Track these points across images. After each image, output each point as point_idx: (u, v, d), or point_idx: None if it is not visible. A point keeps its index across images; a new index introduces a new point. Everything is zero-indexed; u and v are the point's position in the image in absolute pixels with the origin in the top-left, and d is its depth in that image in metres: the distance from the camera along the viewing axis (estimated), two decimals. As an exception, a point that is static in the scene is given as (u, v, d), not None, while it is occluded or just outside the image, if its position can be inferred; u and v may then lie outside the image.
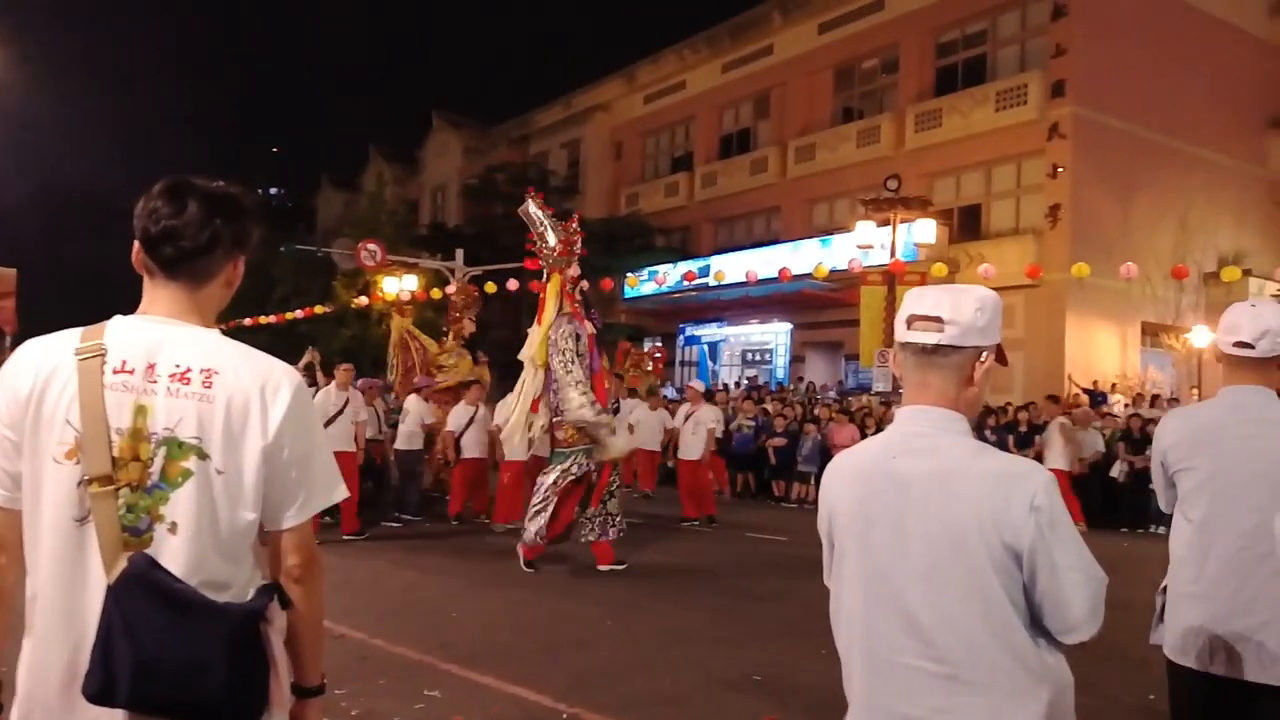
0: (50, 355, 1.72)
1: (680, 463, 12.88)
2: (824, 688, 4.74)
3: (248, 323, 23.22)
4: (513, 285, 16.46)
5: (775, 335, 26.00)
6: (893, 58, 23.78)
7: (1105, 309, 19.60)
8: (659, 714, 4.89)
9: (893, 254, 17.38)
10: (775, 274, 16.96)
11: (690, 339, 28.13)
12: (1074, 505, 11.57)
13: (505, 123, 37.24)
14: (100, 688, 1.57)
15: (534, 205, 9.10)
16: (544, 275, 9.12)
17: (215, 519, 1.69)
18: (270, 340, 21.77)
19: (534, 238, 9.08)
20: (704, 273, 21.56)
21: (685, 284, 22.56)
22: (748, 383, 23.14)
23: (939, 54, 22.99)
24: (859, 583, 1.83)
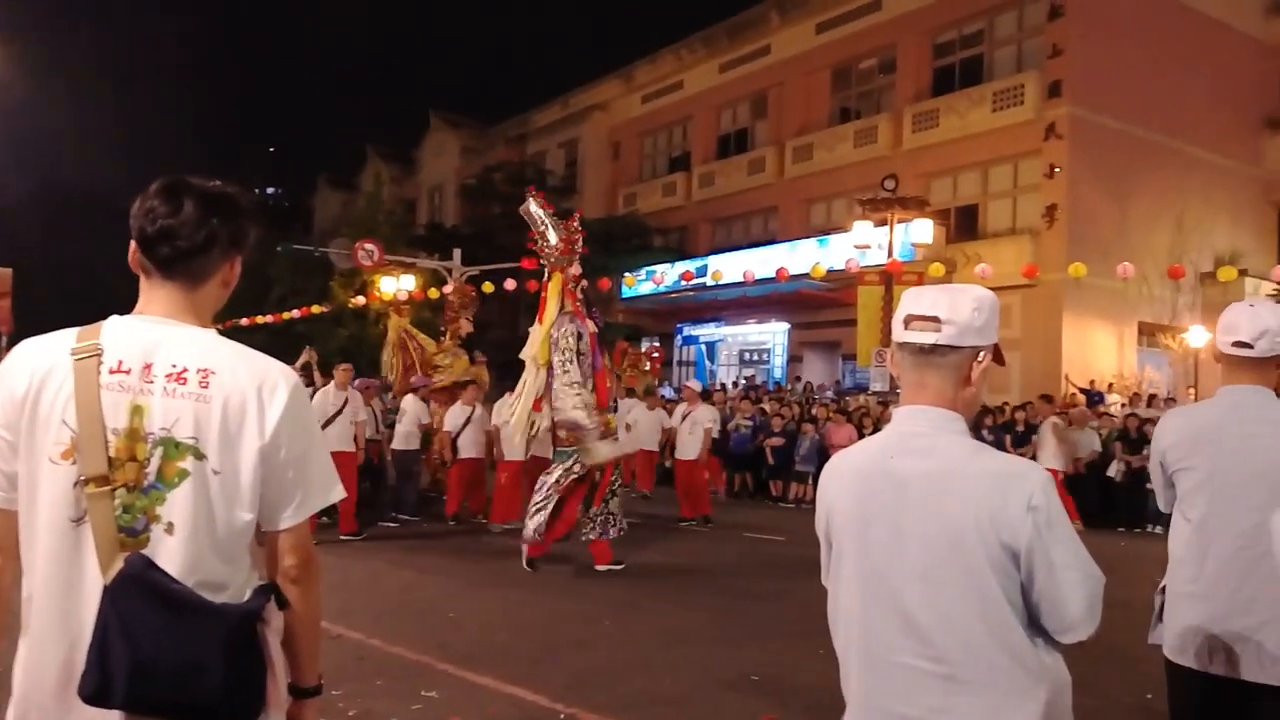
0: (46, 355, 1.71)
1: (677, 463, 12.89)
2: (822, 688, 4.74)
3: (244, 323, 23.21)
4: (510, 285, 16.46)
5: (773, 335, 26.01)
6: (890, 58, 23.80)
7: (1102, 309, 19.62)
8: (657, 714, 4.89)
9: (890, 254, 17.40)
10: (773, 274, 16.96)
11: (688, 339, 28.14)
12: (1068, 504, 11.57)
13: (503, 122, 37.23)
14: (96, 688, 1.56)
15: (535, 204, 9.10)
16: (545, 274, 9.12)
17: (212, 519, 1.68)
18: (267, 340, 21.76)
19: (535, 236, 9.09)
20: (701, 273, 21.54)
21: (683, 284, 22.53)
22: (745, 382, 23.14)
23: (936, 54, 23.01)
24: (857, 582, 1.83)
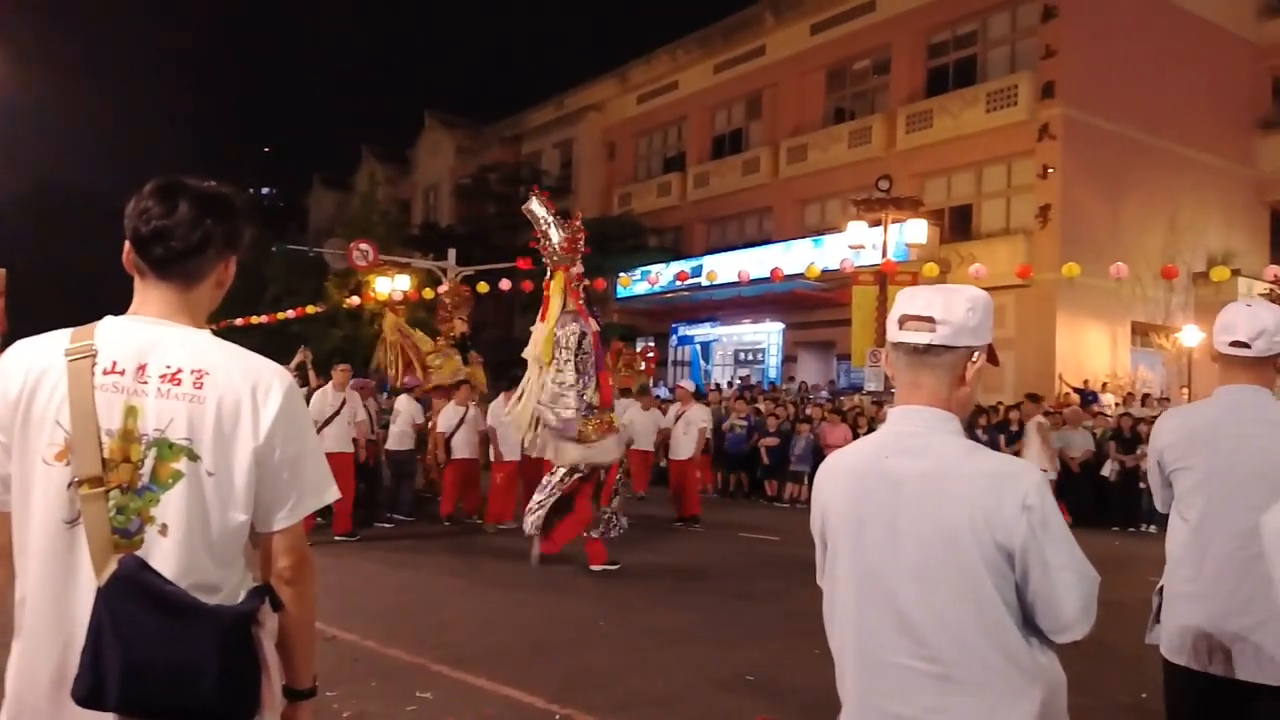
0: (40, 356, 1.70)
1: (671, 463, 12.91)
2: (817, 688, 4.74)
3: (239, 323, 23.18)
4: (505, 285, 16.47)
5: (767, 335, 26.02)
6: (884, 59, 23.82)
7: (1095, 309, 19.66)
8: (652, 714, 4.89)
9: (884, 254, 17.42)
10: (767, 274, 16.99)
11: (683, 339, 28.14)
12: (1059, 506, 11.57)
13: (498, 123, 37.20)
14: (89, 691, 1.55)
15: (537, 203, 9.11)
16: (547, 273, 9.13)
17: (206, 521, 1.68)
18: (262, 340, 21.74)
19: (538, 235, 9.09)
20: (696, 273, 21.55)
21: (678, 284, 22.54)
22: (740, 382, 23.16)
23: (930, 55, 23.05)
24: (852, 582, 1.83)
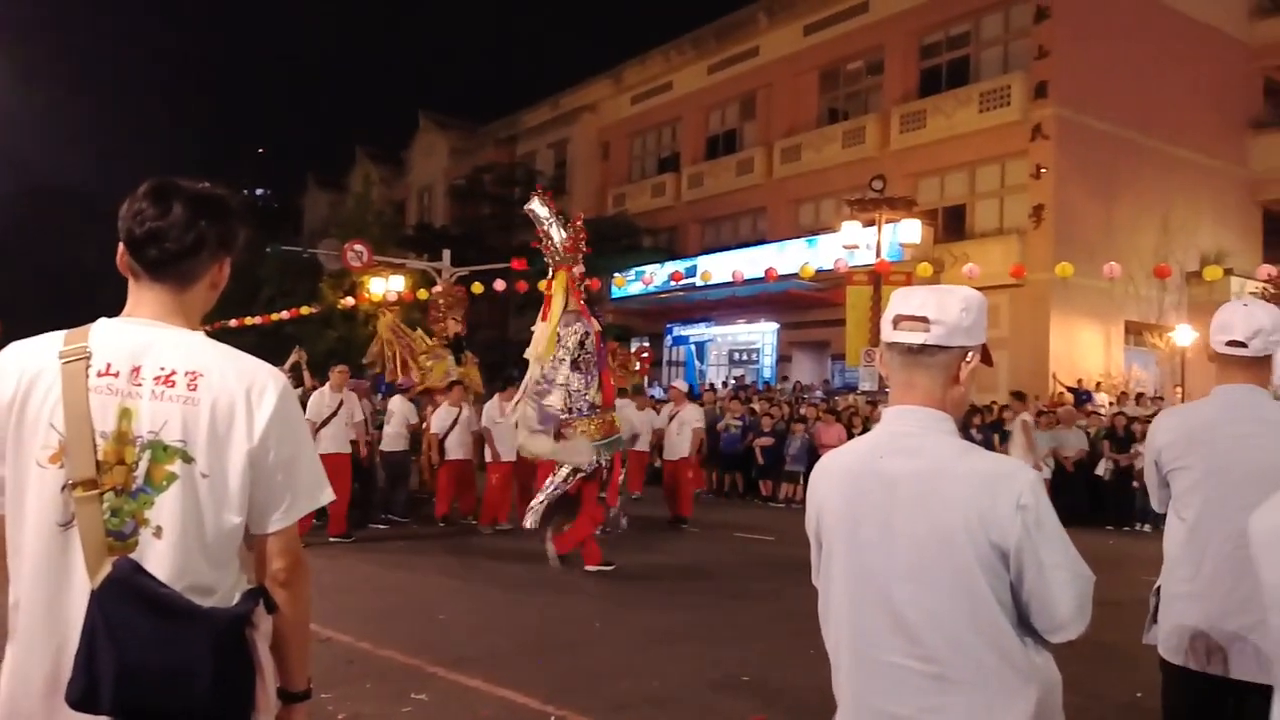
0: (34, 358, 1.70)
1: (665, 463, 12.91)
2: (812, 687, 4.74)
3: (233, 324, 23.12)
4: (500, 285, 16.45)
5: (762, 335, 26.04)
6: (877, 59, 23.86)
7: (1089, 308, 19.71)
8: (647, 714, 4.89)
9: (878, 254, 17.45)
10: (762, 274, 16.97)
11: (678, 339, 28.15)
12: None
13: (492, 123, 37.18)
14: (83, 694, 1.55)
15: (539, 203, 9.12)
16: (549, 272, 9.14)
17: (200, 523, 1.67)
18: (256, 342, 21.68)
19: (540, 235, 9.09)
20: (691, 273, 21.56)
21: (672, 284, 22.55)
22: (735, 382, 23.17)
23: (923, 55, 23.09)
24: (847, 582, 1.83)
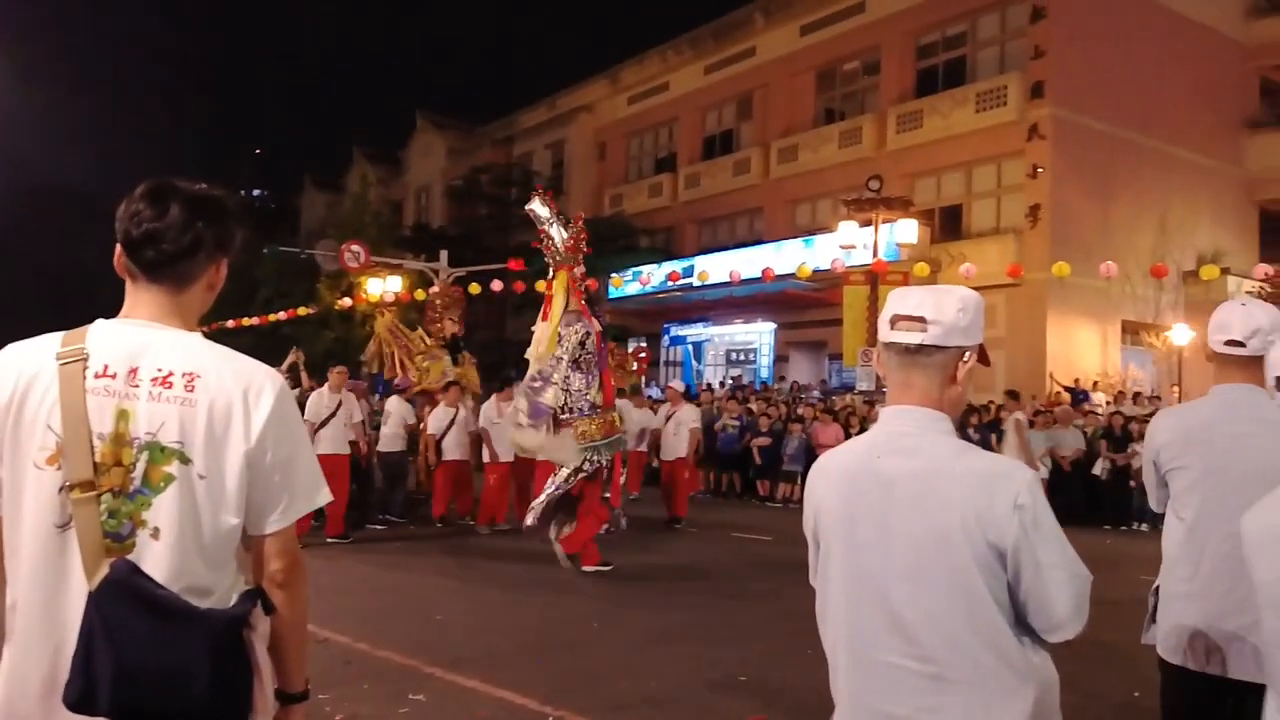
0: (31, 360, 1.70)
1: (662, 463, 12.92)
2: (809, 688, 4.75)
3: (231, 325, 23.10)
4: (497, 286, 16.44)
5: (759, 335, 26.05)
6: (874, 59, 23.87)
7: (1086, 308, 19.73)
8: (645, 715, 4.89)
9: (875, 254, 17.45)
10: (759, 274, 17.00)
11: (675, 339, 28.15)
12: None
13: (489, 124, 37.15)
14: (81, 695, 1.55)
15: (540, 203, 9.12)
16: (550, 272, 9.14)
17: (198, 524, 1.67)
18: (253, 342, 21.66)
19: (541, 235, 9.09)
20: (688, 273, 21.55)
21: (669, 284, 22.57)
22: (732, 382, 23.17)
23: (919, 56, 23.10)
24: (844, 582, 1.83)
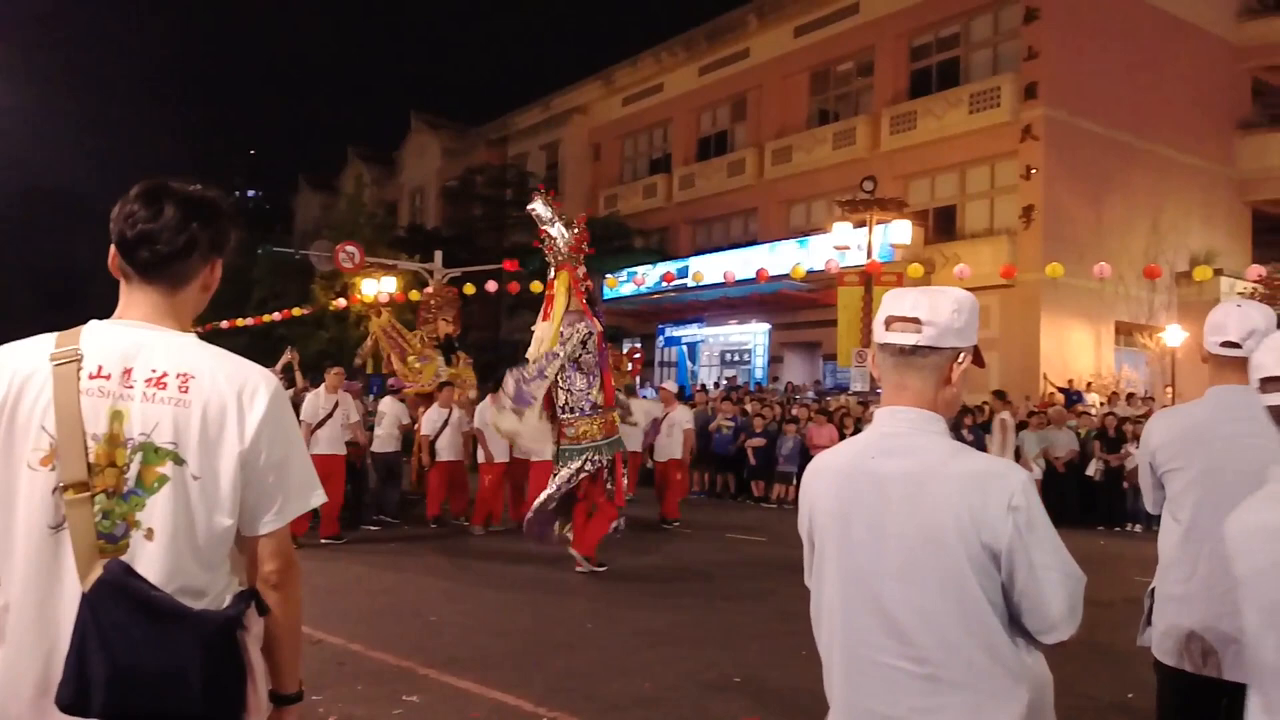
0: (25, 361, 1.69)
1: (656, 464, 12.93)
2: (804, 689, 4.76)
3: (225, 325, 23.04)
4: (492, 286, 16.42)
5: (753, 336, 26.05)
6: (868, 61, 23.89)
7: (1079, 308, 19.77)
8: (639, 716, 4.89)
9: (869, 255, 17.47)
10: (753, 275, 17.00)
11: (670, 340, 28.14)
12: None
13: (484, 124, 37.10)
14: (74, 697, 1.54)
15: (542, 202, 9.12)
16: (551, 272, 9.14)
17: (192, 525, 1.67)
18: (248, 343, 21.66)
19: (542, 235, 9.09)
20: (682, 274, 21.58)
21: (664, 285, 22.58)
22: (726, 383, 23.18)
23: (913, 57, 23.13)
24: (839, 582, 1.84)
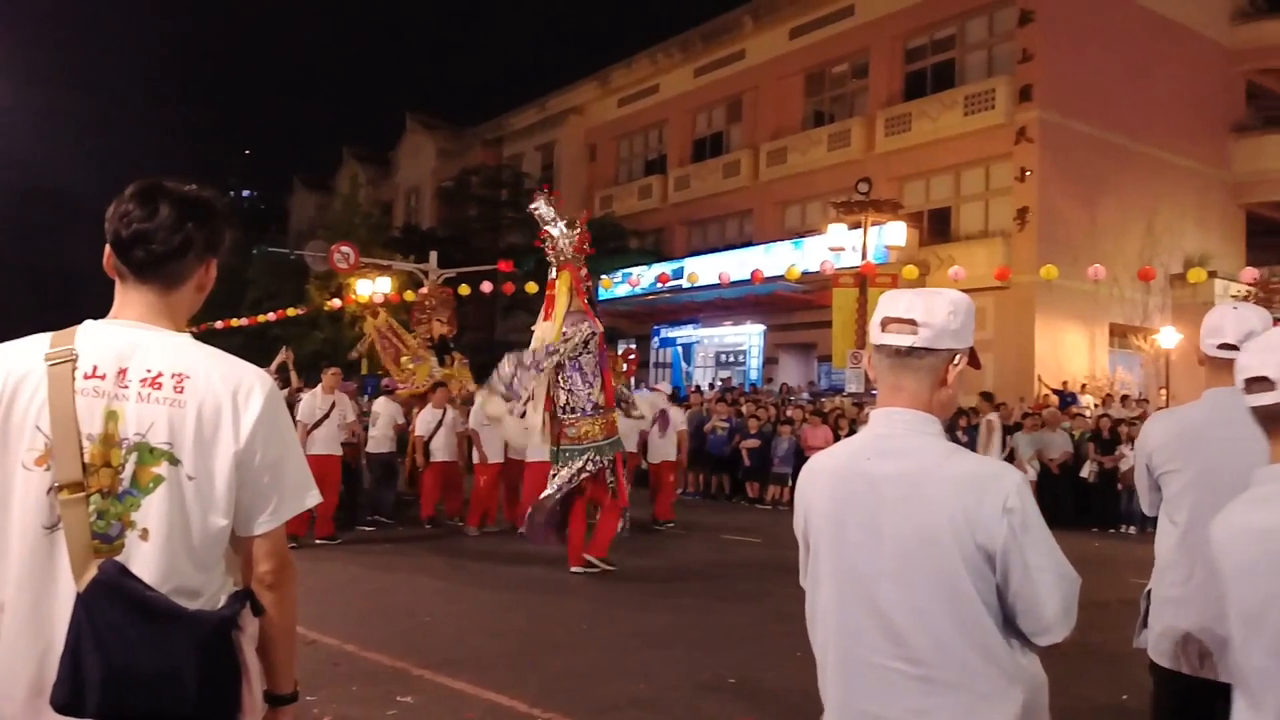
0: (20, 361, 1.69)
1: (649, 465, 12.93)
2: (799, 690, 4.76)
3: (220, 326, 23.01)
4: (486, 287, 16.43)
5: (748, 337, 26.06)
6: (863, 63, 23.94)
7: (1073, 310, 19.81)
8: (633, 717, 4.89)
9: (864, 256, 17.51)
10: (748, 276, 17.02)
11: (665, 341, 28.14)
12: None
13: (479, 125, 37.09)
14: (69, 698, 1.54)
15: (545, 203, 9.11)
16: (552, 272, 9.14)
17: (187, 525, 1.67)
18: (243, 343, 21.60)
19: (543, 235, 9.08)
20: (678, 275, 21.59)
21: (659, 286, 22.58)
22: (721, 384, 23.17)
23: (908, 59, 23.18)
24: (833, 583, 1.84)
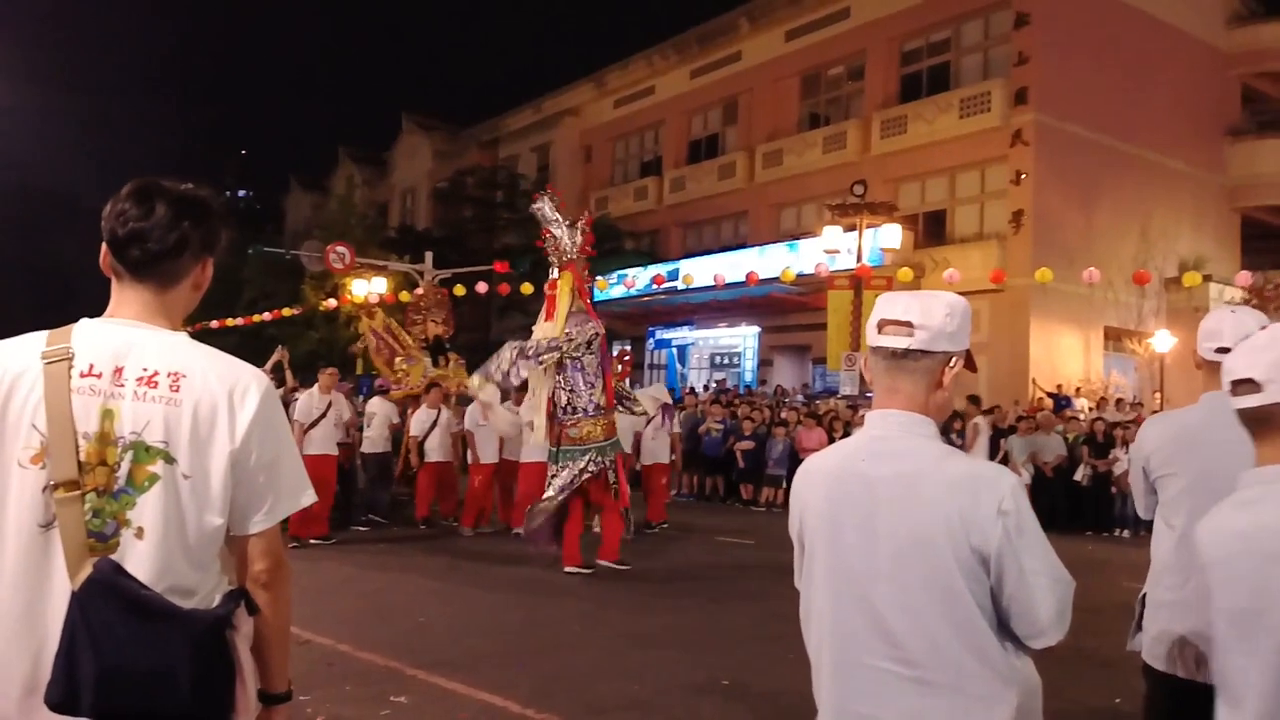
0: (16, 359, 1.69)
1: (642, 467, 12.92)
2: (792, 691, 4.76)
3: (215, 325, 22.95)
4: (482, 288, 16.40)
5: (743, 339, 26.09)
6: (858, 65, 23.98)
7: (1068, 313, 19.85)
8: (627, 718, 4.88)
9: (859, 258, 17.52)
10: (743, 278, 17.01)
11: (660, 342, 28.15)
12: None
13: (475, 126, 37.10)
14: (63, 697, 1.54)
15: (547, 203, 9.12)
16: (554, 272, 9.13)
17: (182, 524, 1.67)
18: (238, 343, 21.56)
19: (545, 235, 9.08)
20: (673, 276, 21.58)
21: (654, 287, 22.58)
22: (716, 386, 23.18)
23: (904, 61, 23.21)
24: (828, 585, 1.84)
